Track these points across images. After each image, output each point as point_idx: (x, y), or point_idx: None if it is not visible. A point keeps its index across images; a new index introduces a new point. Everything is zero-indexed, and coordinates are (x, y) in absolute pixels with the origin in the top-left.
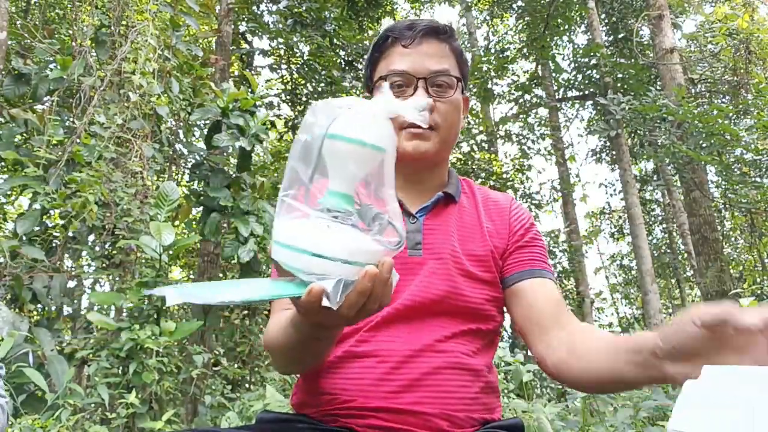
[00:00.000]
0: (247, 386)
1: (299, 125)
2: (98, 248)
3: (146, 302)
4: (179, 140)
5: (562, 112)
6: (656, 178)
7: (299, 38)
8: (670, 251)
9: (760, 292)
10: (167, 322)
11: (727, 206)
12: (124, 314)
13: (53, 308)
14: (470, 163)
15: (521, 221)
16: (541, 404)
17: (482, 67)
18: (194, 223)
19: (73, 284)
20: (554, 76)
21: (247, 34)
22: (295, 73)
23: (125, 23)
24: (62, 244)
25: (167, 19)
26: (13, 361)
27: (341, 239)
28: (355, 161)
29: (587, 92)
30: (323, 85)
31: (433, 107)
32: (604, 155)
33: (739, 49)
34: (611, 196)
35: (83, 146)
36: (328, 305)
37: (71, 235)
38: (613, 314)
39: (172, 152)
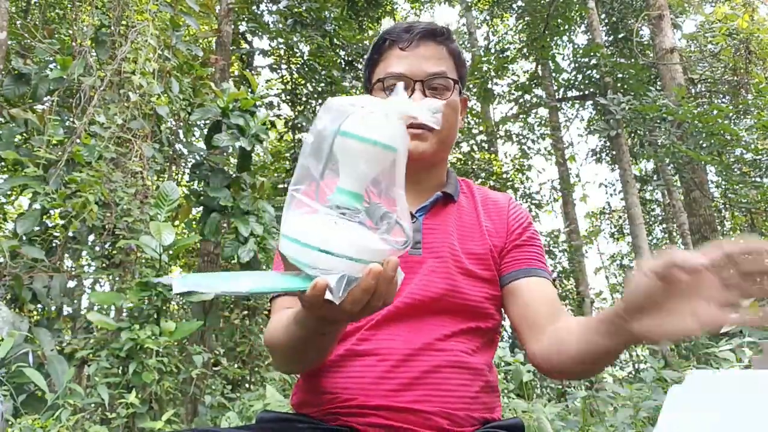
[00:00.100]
0: (247, 386)
1: (299, 125)
2: (98, 248)
3: (146, 302)
4: (179, 140)
5: (562, 112)
6: (656, 178)
7: (299, 38)
8: None
9: None
10: (167, 322)
11: (727, 206)
12: (124, 314)
13: (53, 308)
14: (470, 163)
15: (519, 220)
16: (541, 404)
17: (482, 67)
18: (194, 223)
19: (73, 284)
20: (554, 76)
21: (247, 34)
22: (295, 73)
23: (125, 23)
24: (62, 244)
25: (167, 19)
26: (13, 361)
27: (348, 236)
28: (365, 160)
29: (587, 92)
30: (323, 85)
31: None
32: (604, 155)
33: (739, 49)
34: (611, 196)
35: (83, 146)
36: (331, 299)
37: (71, 235)
38: None
39: (172, 152)
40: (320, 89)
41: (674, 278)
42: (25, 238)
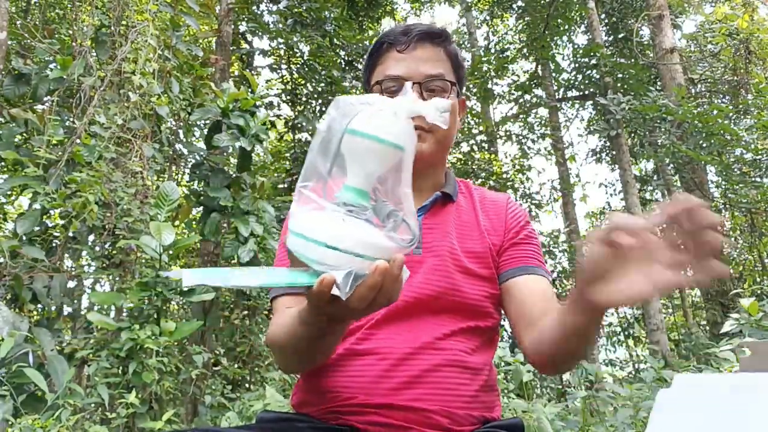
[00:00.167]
0: (247, 386)
1: (299, 125)
2: (98, 248)
3: (146, 302)
4: (179, 140)
5: (562, 112)
6: (656, 178)
7: (299, 38)
8: None
9: (760, 291)
10: (167, 322)
11: (727, 206)
12: (124, 314)
13: (53, 308)
14: (470, 163)
15: (517, 219)
16: (541, 404)
17: (482, 67)
18: (194, 223)
19: (73, 284)
20: (554, 76)
21: (247, 34)
22: (295, 73)
23: (125, 23)
24: (62, 244)
25: (167, 19)
26: (13, 361)
27: (355, 233)
28: (373, 158)
29: (587, 92)
30: (323, 85)
31: None
32: (604, 155)
33: (739, 49)
34: (611, 196)
35: (83, 146)
36: (337, 294)
37: (71, 235)
38: (613, 314)
39: (172, 152)
40: (320, 89)
41: (619, 242)
42: (25, 238)
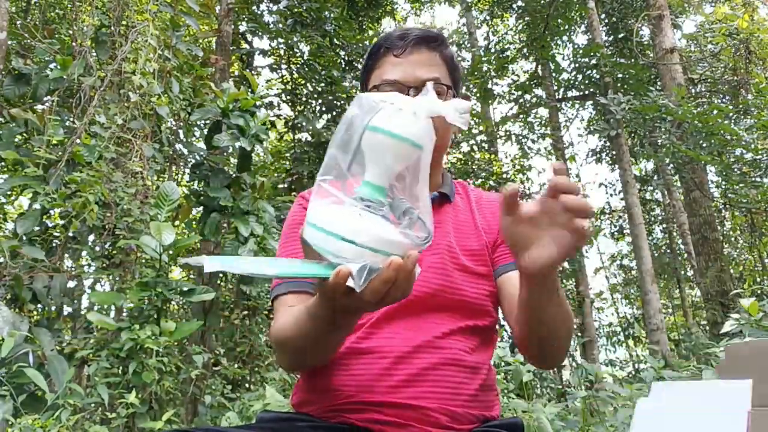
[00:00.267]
0: (247, 386)
1: (299, 125)
2: (98, 248)
3: (146, 302)
4: (179, 140)
5: (562, 112)
6: (656, 178)
7: (299, 38)
8: (670, 251)
9: (760, 292)
10: (167, 322)
11: (727, 206)
12: (124, 314)
13: (53, 308)
14: (470, 163)
15: None
16: (541, 404)
17: (482, 67)
18: (194, 223)
19: (73, 284)
20: (554, 76)
21: (247, 34)
22: (295, 73)
23: (125, 23)
24: (62, 244)
25: (167, 19)
26: (13, 361)
27: (372, 228)
28: (392, 155)
29: (587, 92)
30: (323, 85)
31: None
32: (604, 155)
33: (739, 49)
34: (611, 196)
35: (83, 146)
36: (352, 285)
37: (71, 235)
38: (613, 314)
39: (172, 152)
40: (320, 89)
41: (519, 211)
42: (25, 238)
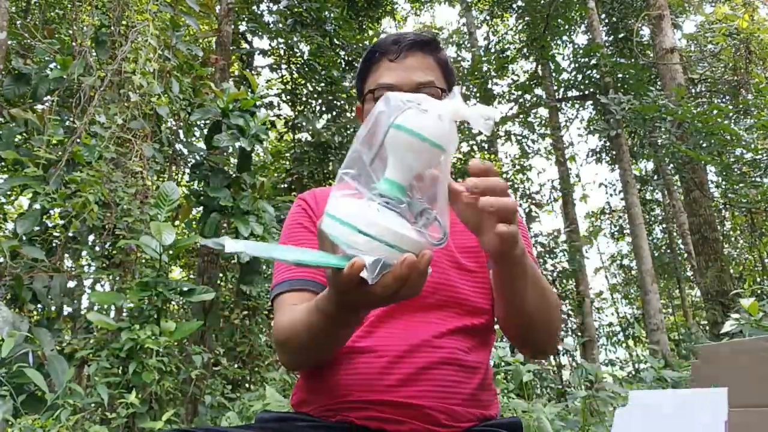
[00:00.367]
0: (247, 386)
1: (299, 125)
2: (98, 248)
3: (146, 302)
4: (179, 140)
5: (562, 112)
6: (656, 178)
7: (299, 38)
8: (670, 251)
9: (760, 292)
10: (167, 322)
11: (727, 206)
12: (124, 314)
13: (53, 308)
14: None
15: None
16: (541, 404)
17: (482, 67)
18: (194, 223)
19: (73, 284)
20: (554, 76)
21: (247, 34)
22: (295, 73)
23: (125, 23)
24: (62, 244)
25: (167, 19)
26: (13, 361)
27: (388, 223)
28: (414, 154)
29: (587, 92)
30: (323, 85)
31: None
32: (604, 155)
33: (739, 49)
34: (611, 196)
35: (83, 146)
36: (365, 277)
37: (71, 235)
38: (613, 314)
39: (172, 152)
40: (320, 89)
41: (460, 198)
42: (25, 238)
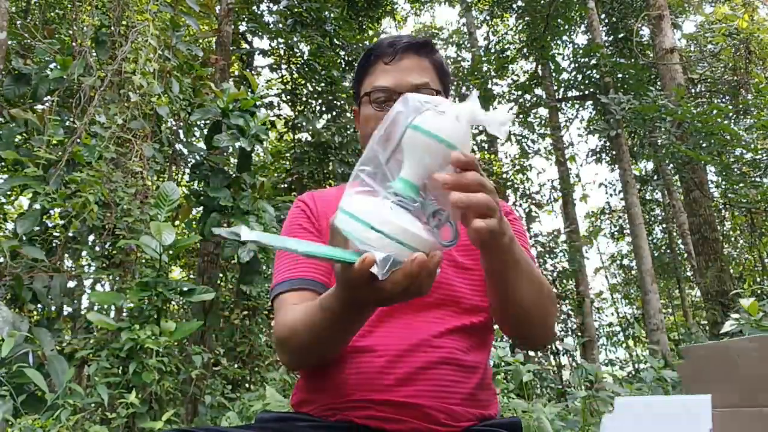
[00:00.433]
0: (247, 386)
1: (299, 125)
2: (98, 248)
3: (146, 302)
4: (179, 140)
5: (562, 112)
6: (656, 178)
7: (299, 38)
8: (670, 251)
9: (760, 291)
10: (167, 322)
11: (727, 206)
12: (124, 314)
13: (53, 308)
14: None
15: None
16: (541, 404)
17: (482, 67)
18: (194, 223)
19: (73, 284)
20: (554, 76)
21: (247, 34)
22: (295, 73)
23: (125, 23)
24: (62, 244)
25: (167, 19)
26: (13, 361)
27: (401, 221)
28: (429, 155)
29: (587, 92)
30: (323, 85)
31: None
32: (604, 155)
33: (739, 49)
34: (611, 196)
35: (83, 146)
36: (376, 272)
37: (71, 235)
38: (613, 314)
39: (172, 152)
40: (320, 89)
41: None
42: (25, 238)
